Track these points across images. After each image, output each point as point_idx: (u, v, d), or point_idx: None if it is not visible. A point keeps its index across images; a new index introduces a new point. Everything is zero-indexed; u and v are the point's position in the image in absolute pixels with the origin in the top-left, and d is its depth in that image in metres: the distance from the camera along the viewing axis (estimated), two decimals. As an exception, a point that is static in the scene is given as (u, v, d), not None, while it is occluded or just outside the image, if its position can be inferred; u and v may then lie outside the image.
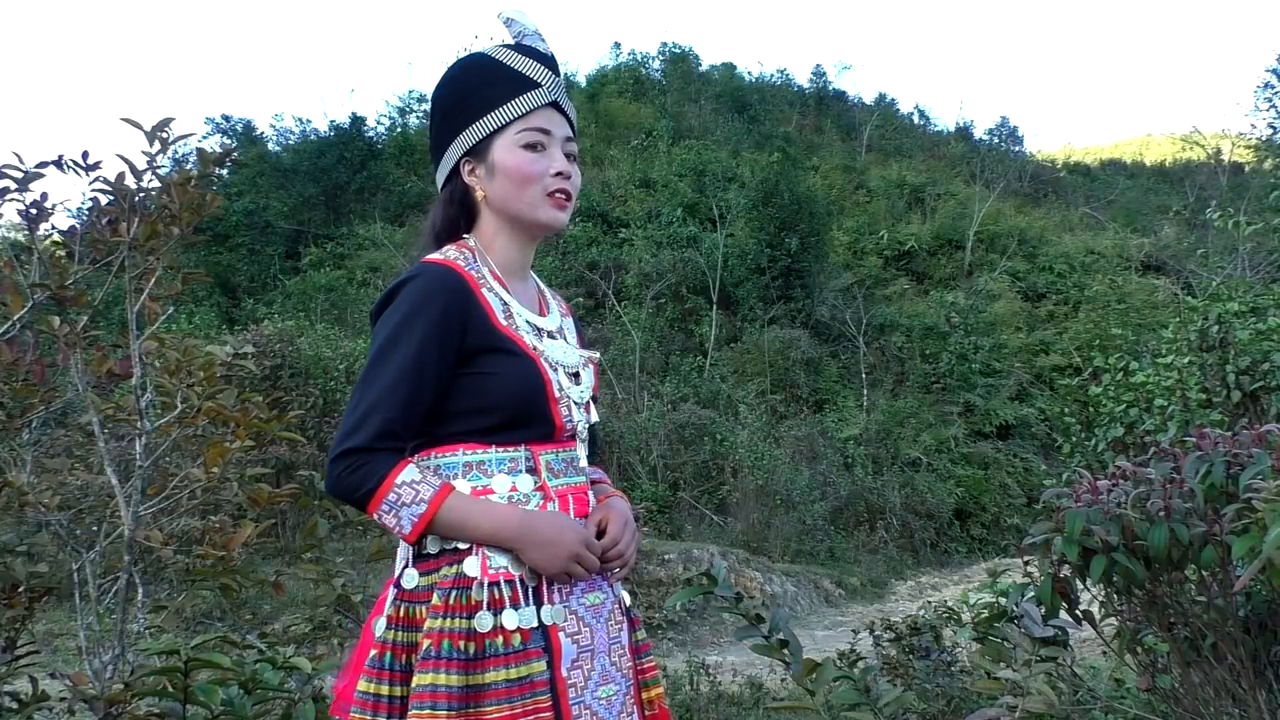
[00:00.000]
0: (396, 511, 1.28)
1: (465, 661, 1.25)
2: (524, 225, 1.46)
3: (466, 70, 1.49)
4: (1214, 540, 1.89)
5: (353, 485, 1.28)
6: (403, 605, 1.33)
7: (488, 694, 1.25)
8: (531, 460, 1.38)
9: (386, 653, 1.31)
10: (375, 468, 1.28)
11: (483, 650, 1.27)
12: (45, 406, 2.45)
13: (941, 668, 4.06)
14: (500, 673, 1.26)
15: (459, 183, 1.48)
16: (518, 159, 1.43)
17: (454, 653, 1.25)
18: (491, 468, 1.36)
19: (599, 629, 1.39)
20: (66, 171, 2.30)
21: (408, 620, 1.33)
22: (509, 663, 1.27)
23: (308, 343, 12.25)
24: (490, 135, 1.43)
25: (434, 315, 1.32)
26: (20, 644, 2.33)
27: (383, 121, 27.69)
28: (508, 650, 1.27)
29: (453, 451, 1.36)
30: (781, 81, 34.70)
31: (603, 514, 1.43)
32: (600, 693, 1.35)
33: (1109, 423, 5.64)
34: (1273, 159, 14.82)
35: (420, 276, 1.35)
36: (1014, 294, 22.35)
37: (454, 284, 1.35)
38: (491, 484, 1.35)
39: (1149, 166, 38.84)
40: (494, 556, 1.32)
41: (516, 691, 1.26)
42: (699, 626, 9.41)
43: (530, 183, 1.43)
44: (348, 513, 2.70)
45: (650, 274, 19.56)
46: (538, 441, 1.39)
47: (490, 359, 1.35)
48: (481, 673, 1.26)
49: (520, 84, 1.44)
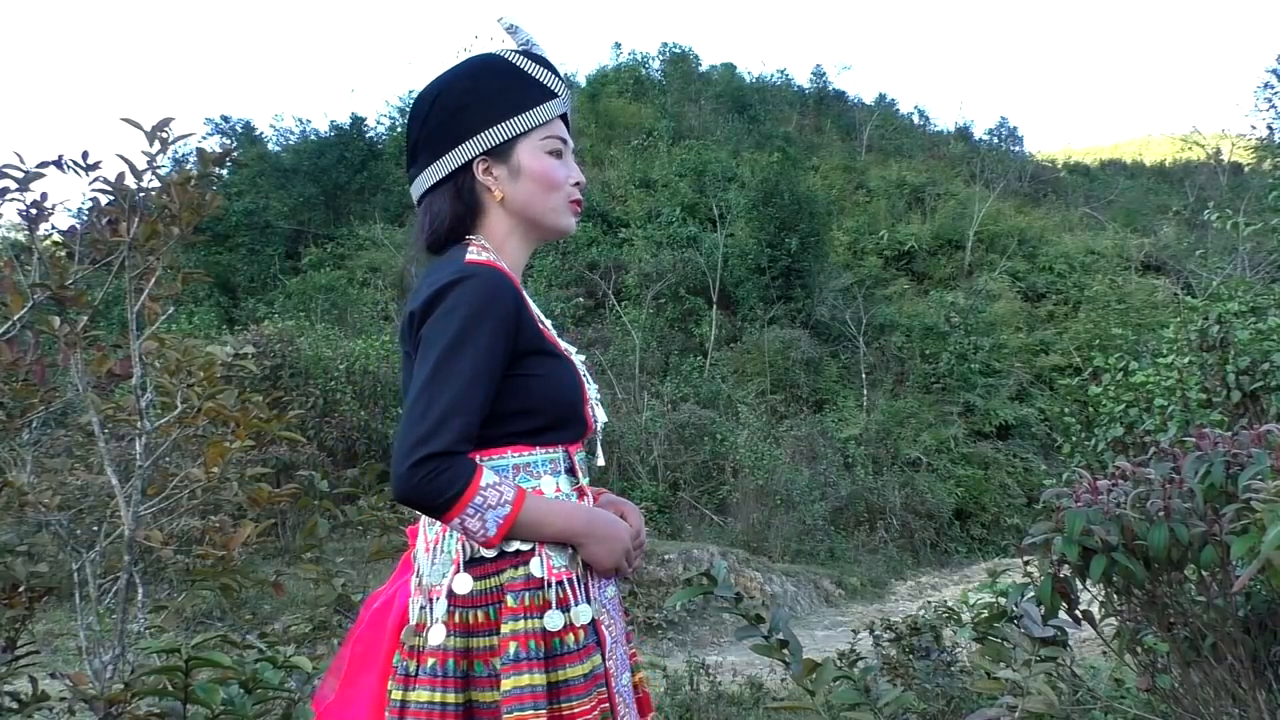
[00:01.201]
0: (482, 515, 1.27)
1: (544, 660, 1.28)
2: (540, 229, 1.48)
3: (487, 70, 1.47)
4: (1214, 540, 1.89)
5: (437, 490, 1.25)
6: (458, 611, 1.33)
7: (566, 690, 1.28)
8: (569, 460, 1.41)
9: (449, 659, 1.30)
10: (460, 472, 1.26)
11: (552, 649, 1.30)
12: (45, 406, 2.45)
13: (941, 668, 4.06)
14: (576, 668, 1.30)
15: (467, 180, 1.46)
16: (545, 164, 1.45)
17: (536, 653, 1.28)
18: (538, 469, 1.37)
19: (617, 619, 1.44)
20: (66, 171, 2.30)
21: (464, 625, 1.32)
22: (581, 658, 1.31)
23: (308, 343, 12.26)
24: (515, 138, 1.44)
25: (497, 318, 1.32)
26: (20, 644, 2.33)
27: (383, 121, 27.77)
28: (577, 646, 1.31)
29: (501, 454, 1.36)
30: (781, 81, 34.74)
31: (617, 508, 1.47)
32: (623, 680, 1.41)
33: (1109, 423, 5.64)
34: (1273, 159, 14.82)
35: (475, 278, 1.33)
36: (1014, 294, 22.37)
37: (509, 286, 1.35)
38: (540, 485, 1.37)
39: (1149, 166, 38.86)
40: (554, 556, 1.34)
41: (589, 685, 1.30)
42: (699, 626, 9.42)
43: (556, 188, 1.46)
44: (347, 513, 2.69)
45: (650, 274, 19.57)
46: (572, 442, 1.43)
47: (536, 361, 1.37)
48: (559, 670, 1.29)
49: (543, 92, 1.47)
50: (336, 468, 10.12)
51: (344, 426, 11.46)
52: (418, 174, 1.49)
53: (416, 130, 1.48)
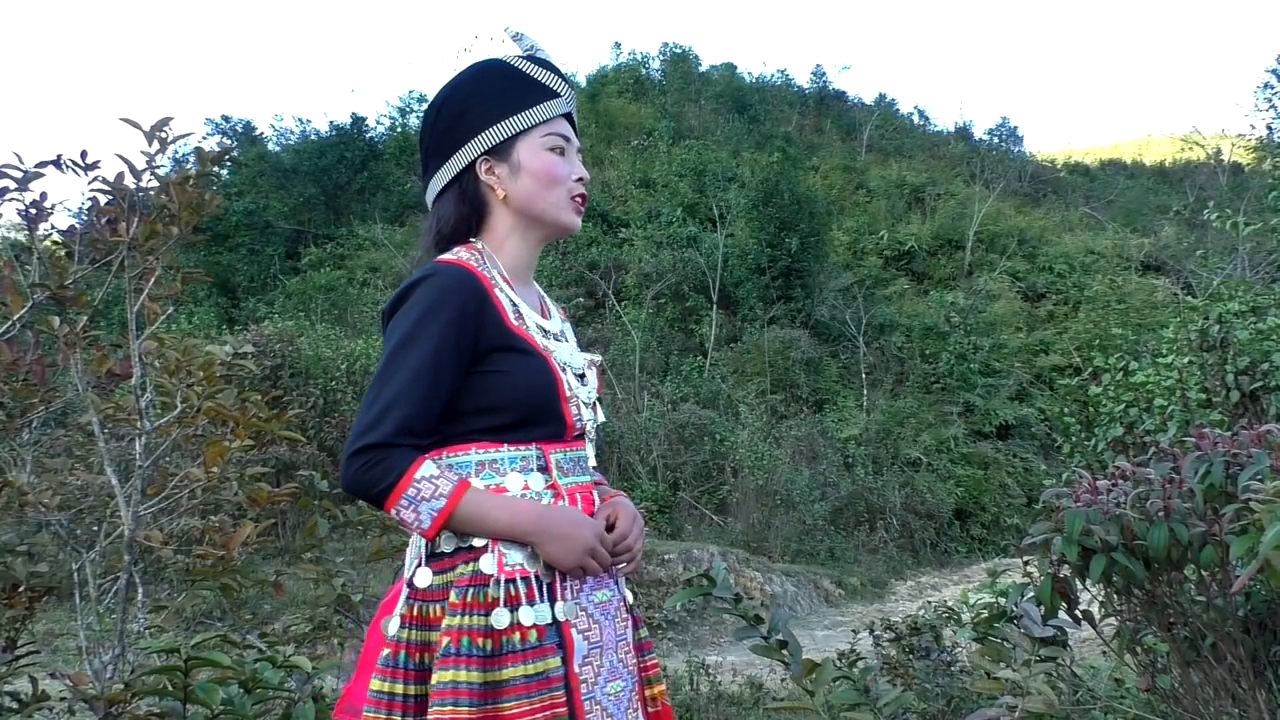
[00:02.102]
0: (416, 506, 1.28)
1: (484, 658, 1.26)
2: (543, 226, 1.50)
3: (488, 73, 1.49)
4: (1213, 540, 1.89)
5: (371, 481, 1.28)
6: (416, 604, 1.34)
7: (506, 690, 1.26)
8: (543, 459, 1.39)
9: (401, 651, 1.31)
10: (394, 463, 1.28)
11: (499, 647, 1.28)
12: (45, 406, 2.45)
13: (941, 668, 4.06)
14: (518, 669, 1.27)
15: (471, 181, 1.48)
16: (545, 160, 1.47)
17: (473, 649, 1.26)
18: (504, 466, 1.37)
19: (607, 626, 1.41)
20: (66, 171, 2.30)
21: (421, 619, 1.33)
22: (526, 659, 1.28)
23: (308, 343, 12.25)
24: (515, 136, 1.46)
25: (451, 313, 1.33)
26: (20, 644, 2.34)
27: (383, 122, 27.77)
28: (524, 646, 1.29)
29: (465, 450, 1.36)
30: (781, 81, 34.72)
31: (610, 509, 1.46)
32: (609, 689, 1.37)
33: (1109, 423, 5.64)
34: (1273, 159, 14.82)
35: (436, 275, 1.35)
36: (1014, 294, 22.36)
37: (470, 283, 1.36)
38: (505, 482, 1.36)
39: (1149, 166, 38.83)
40: (509, 553, 1.33)
41: (534, 687, 1.27)
42: (699, 626, 9.41)
43: (557, 184, 1.47)
44: (347, 512, 2.69)
45: (650, 274, 19.57)
46: (548, 440, 1.41)
47: (503, 358, 1.37)
48: (499, 669, 1.27)
49: (543, 92, 1.49)
50: (336, 468, 10.09)
51: (344, 426, 11.43)
52: (428, 180, 1.52)
53: (427, 137, 1.51)
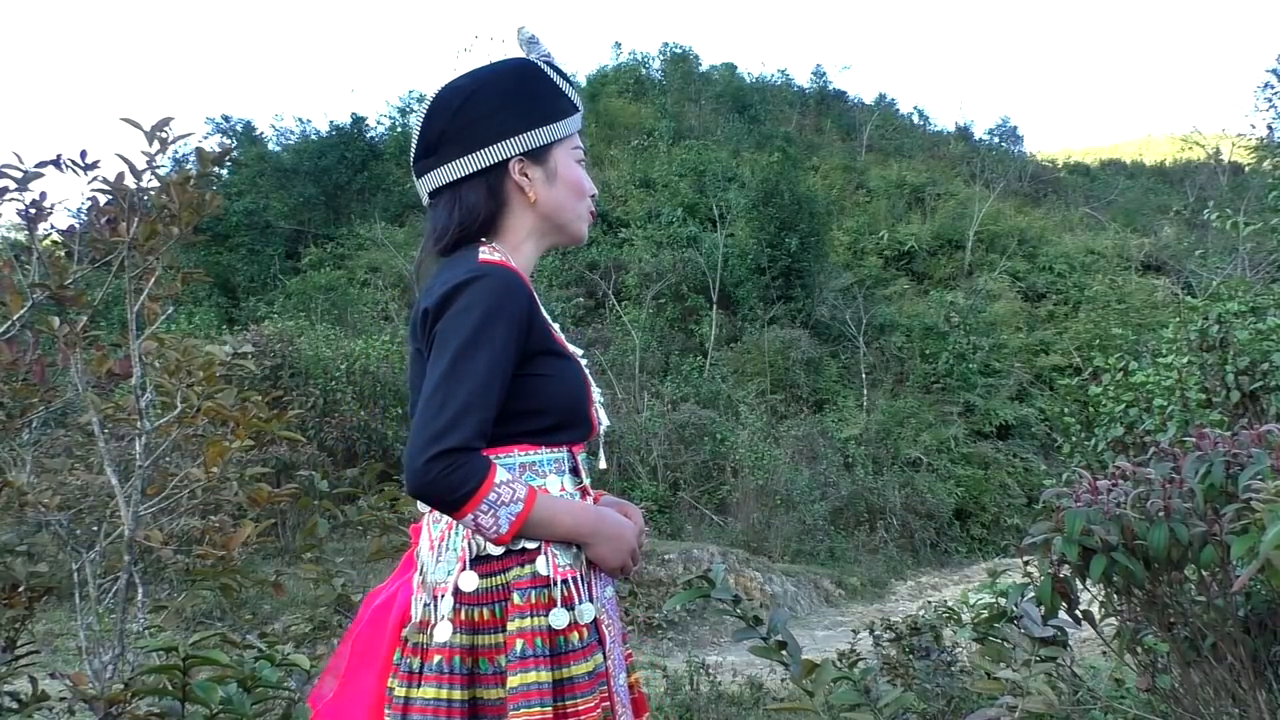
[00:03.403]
0: (495, 511, 1.28)
1: (550, 658, 1.30)
2: (561, 234, 1.53)
3: (528, 76, 1.49)
4: (1214, 540, 1.89)
5: (453, 484, 1.26)
6: (464, 609, 1.34)
7: (572, 687, 1.30)
8: (573, 460, 1.44)
9: (455, 656, 1.31)
10: (475, 467, 1.27)
11: (559, 646, 1.31)
12: (45, 406, 2.46)
13: (941, 668, 4.06)
14: (580, 666, 1.31)
15: (501, 178, 1.45)
16: (577, 172, 1.51)
17: (542, 650, 1.29)
18: (543, 468, 1.39)
19: (615, 620, 1.46)
20: (65, 171, 2.30)
21: (469, 623, 1.33)
22: (584, 656, 1.33)
23: (308, 343, 12.26)
24: (553, 143, 1.48)
25: (511, 316, 1.33)
26: (20, 644, 2.34)
27: (383, 122, 27.70)
28: (582, 644, 1.33)
29: (508, 452, 1.37)
30: (782, 81, 34.69)
31: (621, 509, 1.50)
32: (620, 680, 1.42)
33: (1109, 423, 5.64)
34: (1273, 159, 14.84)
35: (489, 276, 1.34)
36: (1014, 294, 22.35)
37: (522, 286, 1.37)
38: (545, 484, 1.38)
39: (1149, 167, 38.80)
40: (560, 554, 1.36)
41: (593, 684, 1.32)
42: (699, 626, 9.41)
43: (583, 196, 1.52)
44: (347, 513, 2.69)
45: (650, 274, 19.57)
46: (576, 442, 1.45)
47: (546, 361, 1.39)
48: (564, 667, 1.31)
49: (570, 104, 1.52)
50: (336, 468, 10.11)
51: (344, 426, 11.45)
52: (437, 165, 1.46)
53: (443, 121, 1.45)
